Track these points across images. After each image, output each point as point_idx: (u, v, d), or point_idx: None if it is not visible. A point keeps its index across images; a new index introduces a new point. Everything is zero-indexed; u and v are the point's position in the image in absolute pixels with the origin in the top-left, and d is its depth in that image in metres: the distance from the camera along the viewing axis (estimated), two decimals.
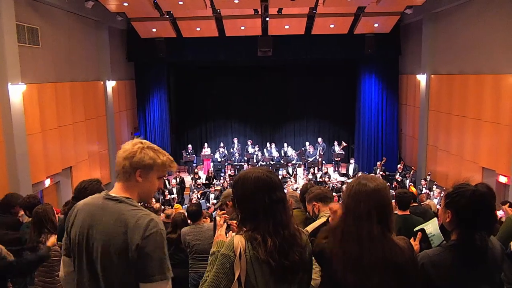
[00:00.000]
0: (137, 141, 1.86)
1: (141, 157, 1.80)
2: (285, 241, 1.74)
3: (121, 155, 1.82)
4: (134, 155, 1.80)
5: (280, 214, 1.77)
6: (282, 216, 1.77)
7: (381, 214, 1.71)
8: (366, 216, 1.70)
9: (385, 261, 1.68)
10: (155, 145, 1.88)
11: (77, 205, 1.91)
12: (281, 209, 1.78)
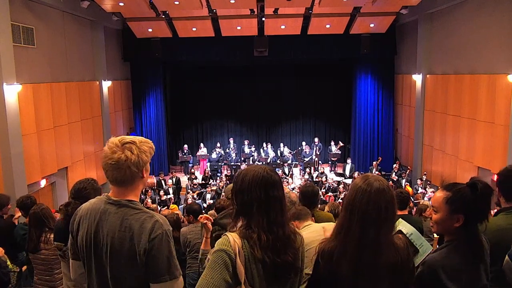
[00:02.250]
0: (119, 145, 1.80)
1: (141, 156, 1.81)
2: (279, 240, 1.73)
3: (123, 164, 1.77)
4: (139, 157, 1.80)
5: (275, 213, 1.75)
6: (277, 214, 1.76)
7: (388, 214, 1.70)
8: (375, 216, 1.68)
9: (384, 262, 1.68)
10: (134, 137, 1.87)
11: (80, 210, 1.91)
12: (277, 208, 1.77)
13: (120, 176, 1.80)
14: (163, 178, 13.86)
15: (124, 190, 1.84)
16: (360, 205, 1.71)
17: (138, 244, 1.71)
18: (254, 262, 1.70)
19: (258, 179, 1.78)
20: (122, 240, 1.74)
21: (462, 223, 1.82)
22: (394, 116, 15.72)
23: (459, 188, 1.85)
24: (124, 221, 1.76)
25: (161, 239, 1.72)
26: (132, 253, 1.72)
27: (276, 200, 1.77)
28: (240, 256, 1.68)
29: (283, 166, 14.82)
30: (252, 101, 17.69)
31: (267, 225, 1.73)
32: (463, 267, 1.80)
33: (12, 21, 8.55)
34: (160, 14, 13.02)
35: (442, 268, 1.78)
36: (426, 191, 11.38)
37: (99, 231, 1.79)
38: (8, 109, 8.29)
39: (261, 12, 13.16)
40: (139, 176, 1.83)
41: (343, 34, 14.21)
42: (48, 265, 3.60)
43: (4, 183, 8.33)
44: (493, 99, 9.41)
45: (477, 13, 10.10)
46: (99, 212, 1.82)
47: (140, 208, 1.81)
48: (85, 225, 1.83)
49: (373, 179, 1.75)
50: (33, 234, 3.66)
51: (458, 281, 1.78)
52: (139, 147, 1.81)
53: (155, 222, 1.74)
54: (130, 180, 1.82)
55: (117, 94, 14.81)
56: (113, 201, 1.82)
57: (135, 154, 1.79)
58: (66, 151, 10.96)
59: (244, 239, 1.72)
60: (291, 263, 1.75)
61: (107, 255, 1.76)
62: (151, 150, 1.87)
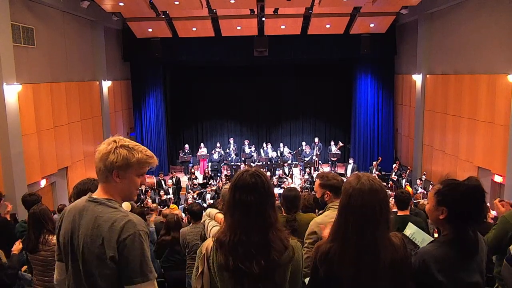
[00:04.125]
0: (110, 141, 1.80)
1: (114, 157, 1.75)
2: (253, 246, 1.68)
3: (96, 157, 1.78)
4: (108, 156, 1.75)
5: (253, 217, 1.70)
6: (255, 220, 1.70)
7: (383, 213, 1.72)
8: (370, 215, 1.69)
9: (383, 260, 1.69)
10: (130, 142, 1.83)
11: (65, 208, 1.90)
12: (245, 211, 1.71)
13: (96, 169, 1.80)
14: (163, 178, 13.86)
15: (104, 187, 1.81)
16: (354, 206, 1.72)
17: (108, 243, 1.67)
18: (220, 269, 1.70)
19: (234, 180, 1.77)
20: (94, 238, 1.70)
21: (445, 216, 1.86)
22: (394, 116, 15.72)
23: (450, 183, 1.88)
24: (97, 219, 1.72)
25: (133, 239, 1.66)
26: (102, 252, 1.68)
27: (244, 204, 1.71)
28: (208, 262, 1.73)
29: (283, 166, 14.82)
30: (252, 101, 17.69)
31: (242, 228, 1.69)
32: (453, 261, 1.83)
33: (12, 21, 8.55)
34: (160, 14, 13.02)
35: (433, 259, 1.81)
36: (428, 190, 11.36)
37: (75, 228, 1.76)
38: (8, 109, 8.29)
39: (261, 12, 13.16)
40: (110, 177, 1.77)
41: (343, 34, 14.21)
42: (46, 266, 3.59)
43: (4, 183, 8.34)
44: (493, 99, 9.41)
45: (477, 13, 10.10)
46: (78, 210, 1.79)
47: (116, 208, 1.76)
48: (65, 224, 1.82)
49: (365, 179, 1.75)
50: (31, 234, 3.65)
51: (448, 275, 1.80)
52: (126, 149, 1.77)
53: (127, 222, 1.69)
54: (103, 178, 1.80)
55: (117, 94, 14.81)
56: (93, 199, 1.79)
57: (114, 152, 1.75)
58: (66, 151, 10.96)
59: (214, 247, 1.73)
60: (257, 275, 1.66)
61: (80, 253, 1.73)
62: (136, 159, 1.77)
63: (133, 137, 16.05)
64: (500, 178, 9.13)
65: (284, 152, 15.97)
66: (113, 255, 1.66)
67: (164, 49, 14.77)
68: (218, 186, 12.82)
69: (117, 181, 1.78)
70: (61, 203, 9.20)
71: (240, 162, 15.32)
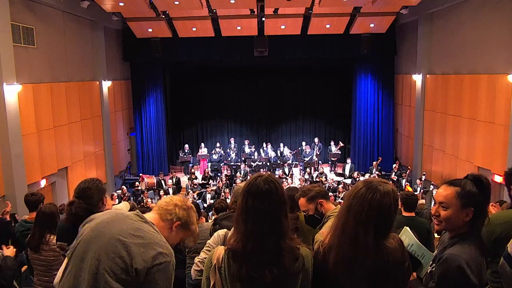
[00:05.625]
0: (187, 201, 2.00)
1: (189, 215, 1.94)
2: (266, 255, 1.66)
3: (175, 203, 1.93)
4: (186, 210, 1.93)
5: (267, 226, 1.68)
6: (269, 228, 1.68)
7: (381, 223, 1.70)
8: (366, 223, 1.68)
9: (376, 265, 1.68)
10: None
11: (95, 218, 1.86)
12: (256, 218, 1.69)
13: (167, 206, 2.00)
14: (163, 178, 13.87)
15: (157, 220, 1.93)
16: (357, 208, 1.71)
17: (139, 257, 1.69)
18: (231, 278, 1.69)
19: (247, 186, 1.75)
20: (127, 243, 1.73)
21: (471, 217, 1.84)
22: (394, 116, 15.72)
23: (466, 183, 1.87)
24: (140, 230, 1.79)
25: (167, 267, 1.73)
26: (125, 259, 1.68)
27: (267, 213, 1.68)
28: (220, 273, 1.71)
29: (283, 166, 14.83)
30: (252, 101, 17.69)
31: (253, 235, 1.67)
32: (479, 260, 1.80)
33: (12, 21, 8.56)
34: (160, 14, 13.01)
35: (466, 263, 1.74)
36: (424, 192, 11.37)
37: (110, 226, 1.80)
38: (8, 109, 8.30)
39: (261, 12, 13.16)
40: (171, 222, 1.93)
41: (343, 34, 14.20)
42: (47, 266, 3.59)
43: (4, 183, 8.34)
44: (493, 99, 9.41)
45: (477, 13, 10.10)
46: (123, 214, 1.89)
47: (158, 232, 1.83)
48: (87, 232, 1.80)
49: (377, 184, 1.73)
50: (36, 232, 3.64)
51: (478, 275, 1.76)
52: (195, 217, 2.00)
53: (167, 248, 1.77)
54: (165, 215, 1.93)
55: (117, 94, 14.81)
56: (142, 216, 1.88)
57: (190, 212, 1.97)
58: (66, 151, 10.96)
59: (226, 255, 1.72)
60: (269, 284, 1.64)
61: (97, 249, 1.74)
62: (195, 231, 2.00)
63: (133, 137, 16.06)
64: (500, 178, 9.12)
65: (284, 152, 15.97)
66: (141, 269, 1.67)
67: (164, 49, 14.76)
68: (218, 186, 12.82)
69: (173, 230, 1.91)
70: (61, 203, 9.19)
71: (240, 162, 15.32)
